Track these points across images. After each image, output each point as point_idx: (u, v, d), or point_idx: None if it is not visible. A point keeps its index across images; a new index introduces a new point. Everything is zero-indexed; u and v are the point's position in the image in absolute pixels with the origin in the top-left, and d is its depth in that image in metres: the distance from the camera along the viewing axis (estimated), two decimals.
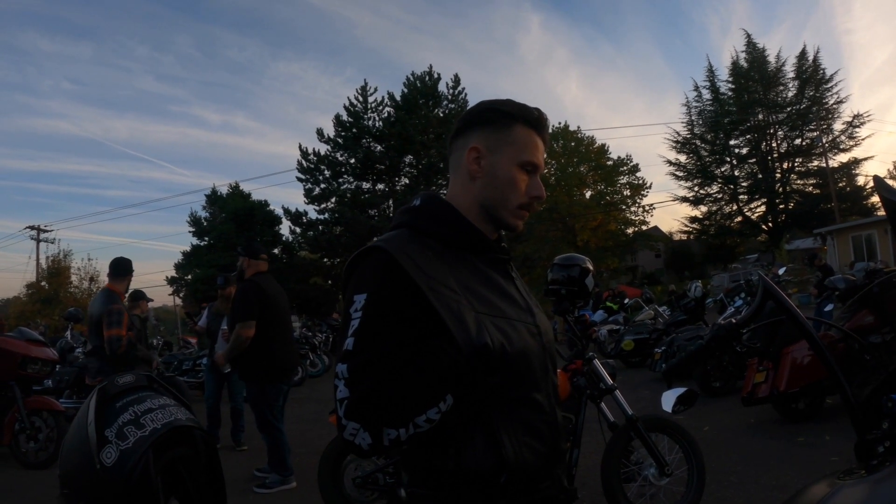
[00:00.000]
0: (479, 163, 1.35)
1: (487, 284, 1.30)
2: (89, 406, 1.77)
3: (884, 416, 1.41)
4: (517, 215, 1.35)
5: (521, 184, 1.33)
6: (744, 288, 11.19)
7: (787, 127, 35.32)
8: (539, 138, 1.37)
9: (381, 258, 1.22)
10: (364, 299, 1.19)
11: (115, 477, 1.65)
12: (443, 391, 1.14)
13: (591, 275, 3.94)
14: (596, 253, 39.82)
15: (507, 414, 1.22)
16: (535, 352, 1.29)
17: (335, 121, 31.54)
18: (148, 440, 1.73)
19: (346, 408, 1.13)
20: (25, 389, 6.52)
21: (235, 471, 5.70)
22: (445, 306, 1.17)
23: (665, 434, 3.98)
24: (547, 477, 1.30)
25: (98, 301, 5.71)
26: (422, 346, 1.17)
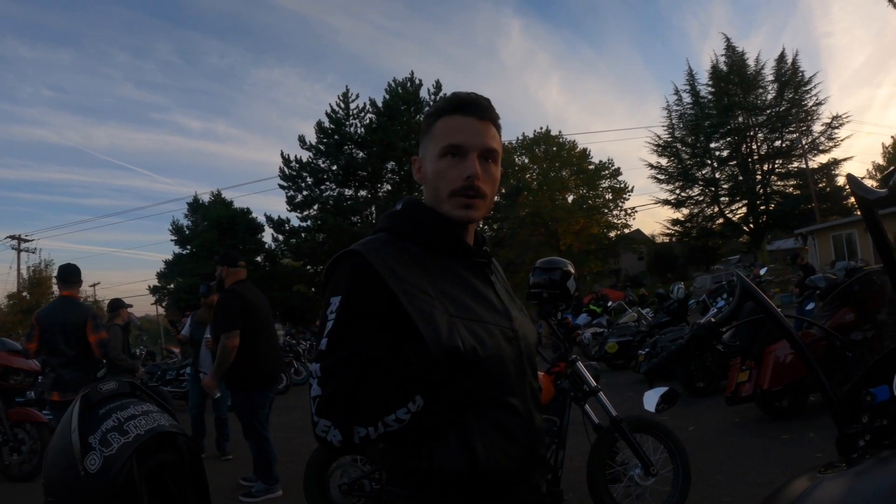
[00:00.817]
0: (420, 171, 1.37)
1: (464, 288, 1.30)
2: (72, 413, 1.77)
3: (862, 410, 1.44)
4: (455, 204, 1.29)
5: (449, 171, 1.29)
6: (726, 289, 11.32)
7: (766, 129, 35.77)
8: (468, 118, 1.31)
9: (355, 262, 1.23)
10: (338, 301, 1.21)
11: (100, 483, 1.65)
12: (412, 392, 1.16)
13: (572, 278, 3.97)
14: (578, 256, 40.02)
15: (481, 417, 1.23)
16: (510, 356, 1.29)
17: (317, 127, 31.58)
18: (131, 446, 1.72)
19: (318, 405, 1.16)
20: (7, 401, 6.41)
21: (221, 480, 5.67)
22: (417, 309, 1.19)
23: (649, 434, 4.00)
24: (523, 481, 1.29)
25: (72, 309, 5.67)
26: (393, 347, 1.18)
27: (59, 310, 5.70)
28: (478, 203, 1.31)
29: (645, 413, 3.38)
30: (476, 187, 1.29)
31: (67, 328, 5.55)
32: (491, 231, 34.29)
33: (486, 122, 1.33)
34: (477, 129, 1.31)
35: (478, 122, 1.32)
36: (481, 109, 1.33)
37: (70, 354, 5.51)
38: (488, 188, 1.32)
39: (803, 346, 1.57)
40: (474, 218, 1.32)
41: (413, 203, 1.38)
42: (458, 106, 1.33)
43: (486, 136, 1.32)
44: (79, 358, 5.52)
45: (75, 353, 5.53)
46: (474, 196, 1.29)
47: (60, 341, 5.54)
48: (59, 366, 5.52)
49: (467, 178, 1.28)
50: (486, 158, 1.33)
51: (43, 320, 5.63)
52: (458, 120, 1.31)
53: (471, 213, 1.30)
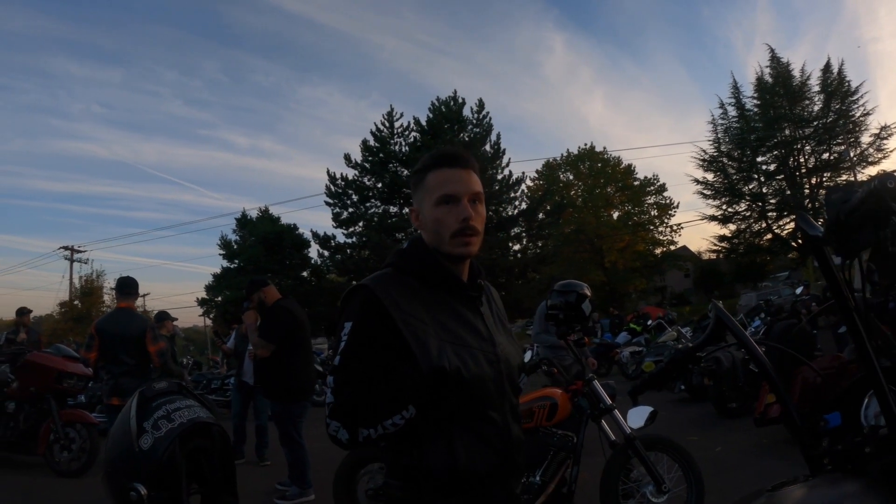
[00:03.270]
0: (419, 219, 1.61)
1: (455, 318, 1.56)
2: (132, 404, 2.20)
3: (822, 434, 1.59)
4: (456, 243, 1.54)
5: (446, 217, 1.54)
6: (763, 308, 11.19)
7: (814, 141, 34.75)
8: (455, 170, 1.56)
9: (365, 295, 1.51)
10: (350, 327, 1.50)
11: (150, 458, 2.06)
12: (406, 402, 1.42)
13: (587, 300, 4.13)
14: (623, 274, 39.64)
15: (464, 426, 1.48)
16: (491, 376, 1.53)
17: (362, 146, 32.12)
18: (176, 431, 2.13)
19: (331, 410, 1.45)
20: (61, 402, 6.89)
21: (258, 484, 6.00)
22: (413, 335, 1.45)
23: (664, 453, 4.11)
24: (498, 483, 1.53)
25: (131, 321, 6.00)
26: (392, 365, 1.46)
27: (119, 321, 5.99)
28: (474, 240, 1.56)
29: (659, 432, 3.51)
30: (471, 227, 1.54)
31: (127, 339, 5.83)
32: (535, 249, 34.23)
33: (469, 170, 1.58)
34: (463, 178, 1.56)
35: (462, 171, 1.57)
36: (464, 160, 1.59)
37: (130, 363, 5.79)
38: (479, 225, 1.57)
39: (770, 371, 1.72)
40: (473, 252, 1.57)
41: (417, 244, 1.62)
42: (444, 160, 1.58)
43: (472, 182, 1.57)
44: (137, 367, 5.80)
45: (135, 362, 5.82)
46: (471, 234, 1.55)
47: (120, 351, 5.82)
48: (119, 374, 5.78)
49: (463, 221, 1.53)
50: (474, 201, 1.57)
51: (102, 331, 5.92)
52: (446, 172, 1.56)
53: (470, 249, 1.56)
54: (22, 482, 6.49)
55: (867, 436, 1.41)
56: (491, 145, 32.05)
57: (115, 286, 6.38)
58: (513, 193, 32.86)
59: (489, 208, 22.91)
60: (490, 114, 32.40)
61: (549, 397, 4.09)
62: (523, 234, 33.82)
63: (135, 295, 6.33)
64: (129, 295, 6.21)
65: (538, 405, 4.06)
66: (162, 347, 5.97)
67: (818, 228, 1.43)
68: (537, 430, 3.99)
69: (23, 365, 7.02)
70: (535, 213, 33.18)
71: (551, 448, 3.92)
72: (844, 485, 1.37)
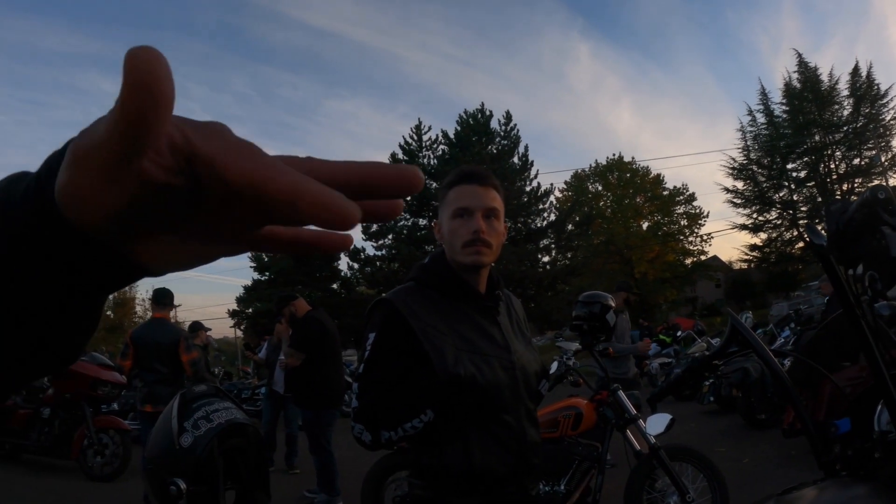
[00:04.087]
0: (440, 232, 1.71)
1: (472, 327, 1.65)
2: (173, 405, 2.35)
3: (833, 441, 1.64)
4: (467, 253, 1.63)
5: (459, 228, 1.63)
6: (793, 318, 11.04)
7: (844, 147, 34.11)
8: (473, 187, 1.65)
9: (386, 308, 1.62)
10: (373, 337, 1.61)
11: (190, 455, 2.20)
12: (425, 406, 1.52)
13: (611, 311, 4.18)
14: (654, 284, 39.16)
15: (480, 429, 1.57)
16: (506, 382, 1.61)
17: (391, 159, 32.24)
18: (214, 431, 2.27)
19: (355, 413, 1.56)
20: (95, 409, 7.11)
21: (288, 491, 6.13)
22: (431, 344, 1.55)
23: (689, 463, 4.12)
24: (513, 483, 1.61)
25: (165, 330, 6.14)
26: (412, 372, 1.56)
27: (153, 330, 6.13)
28: (485, 251, 1.63)
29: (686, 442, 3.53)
30: (482, 239, 1.62)
31: (161, 348, 5.96)
32: (564, 260, 34.06)
33: (487, 188, 1.67)
34: (480, 194, 1.65)
35: (480, 188, 1.66)
36: (483, 178, 1.68)
37: (163, 372, 5.92)
38: (493, 239, 1.65)
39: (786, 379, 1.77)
40: (483, 262, 1.65)
41: (437, 259, 1.73)
42: (464, 177, 1.68)
43: (487, 199, 1.65)
44: (171, 375, 5.91)
45: (168, 370, 5.93)
46: (480, 245, 1.62)
47: (154, 360, 5.95)
48: (153, 382, 5.91)
49: (474, 232, 1.61)
50: (489, 216, 1.65)
51: (137, 340, 6.06)
52: (464, 189, 1.66)
53: (480, 259, 1.64)
54: (56, 486, 6.69)
55: (877, 441, 1.45)
56: (519, 157, 32.06)
57: (151, 297, 6.55)
58: (541, 205, 32.80)
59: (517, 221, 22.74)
60: (518, 125, 32.49)
61: (574, 407, 4.14)
62: (552, 245, 33.68)
63: (169, 305, 6.49)
64: (164, 305, 6.37)
65: (563, 415, 4.11)
66: (194, 357, 6.11)
67: (823, 237, 1.48)
68: (562, 440, 4.04)
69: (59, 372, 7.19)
70: (564, 225, 33.08)
71: (576, 457, 3.97)
72: (853, 488, 1.42)
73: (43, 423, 7.37)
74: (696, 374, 2.05)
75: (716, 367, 1.94)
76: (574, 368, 4.44)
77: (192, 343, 6.49)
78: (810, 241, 1.53)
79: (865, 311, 1.49)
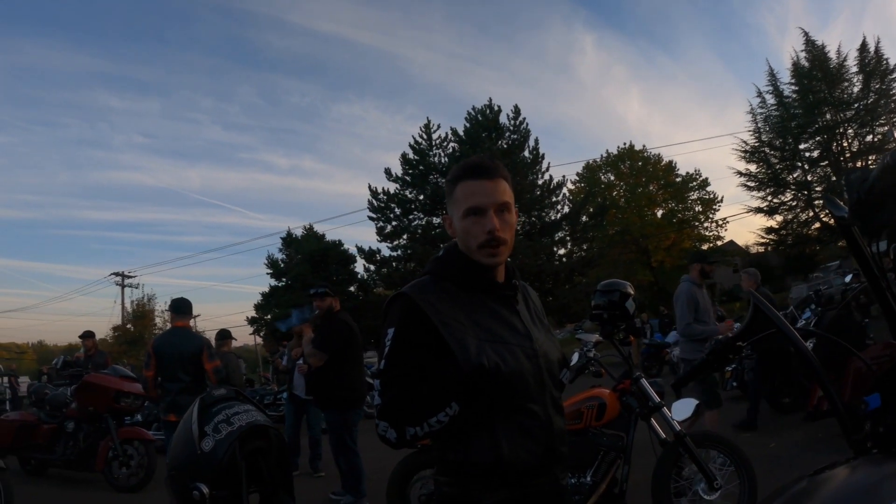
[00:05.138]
0: (451, 227, 1.68)
1: (492, 316, 1.62)
2: (193, 410, 2.33)
3: (863, 417, 1.60)
4: (483, 254, 1.60)
5: (473, 228, 1.60)
6: (813, 299, 10.88)
7: (856, 124, 33.50)
8: (481, 182, 1.61)
9: (405, 302, 1.60)
10: (392, 332, 1.58)
11: (211, 459, 2.19)
12: (448, 399, 1.50)
13: (630, 298, 4.13)
14: (671, 272, 38.82)
15: (506, 420, 1.54)
16: (530, 370, 1.59)
17: (402, 159, 32.35)
18: (235, 434, 2.26)
19: (379, 411, 1.54)
20: (118, 421, 7.16)
21: (313, 494, 6.17)
22: (452, 335, 1.52)
23: (715, 450, 4.08)
24: (544, 474, 1.59)
25: (187, 339, 6.16)
26: (434, 365, 1.53)
27: (175, 340, 6.15)
28: (501, 250, 1.61)
29: None
30: (497, 237, 1.59)
31: (184, 357, 5.99)
32: (580, 252, 33.87)
33: (497, 180, 1.63)
34: (489, 190, 1.61)
35: (488, 182, 1.62)
36: (491, 171, 1.64)
37: (186, 381, 5.94)
38: (507, 234, 1.62)
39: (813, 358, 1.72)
40: (500, 262, 1.64)
41: (452, 251, 1.70)
42: (471, 171, 1.64)
43: (498, 193, 1.62)
44: (194, 384, 5.92)
45: (191, 379, 5.96)
46: (497, 245, 1.60)
47: (177, 369, 5.98)
48: (176, 392, 5.93)
49: (489, 233, 1.58)
50: (501, 211, 1.62)
51: (159, 349, 6.09)
52: (473, 184, 1.62)
53: (497, 259, 1.62)
54: (83, 498, 6.77)
55: None
56: (529, 151, 31.93)
57: (170, 307, 6.59)
58: (554, 198, 32.63)
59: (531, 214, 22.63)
60: (527, 119, 32.32)
61: (597, 397, 4.11)
62: (567, 238, 33.50)
63: (189, 314, 6.52)
64: (184, 314, 6.40)
65: (586, 406, 4.08)
66: (218, 365, 6.13)
67: (844, 209, 1.45)
68: (587, 431, 4.01)
69: (82, 385, 7.32)
70: (579, 217, 32.89)
71: (601, 448, 3.94)
72: (886, 465, 1.38)
73: (67, 436, 7.45)
74: (720, 357, 2.01)
75: (740, 349, 1.90)
76: (595, 359, 4.41)
77: (215, 351, 6.51)
78: (831, 213, 1.52)
79: (892, 285, 1.45)
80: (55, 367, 12.46)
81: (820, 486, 1.37)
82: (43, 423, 7.70)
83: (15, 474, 7.05)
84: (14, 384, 15.27)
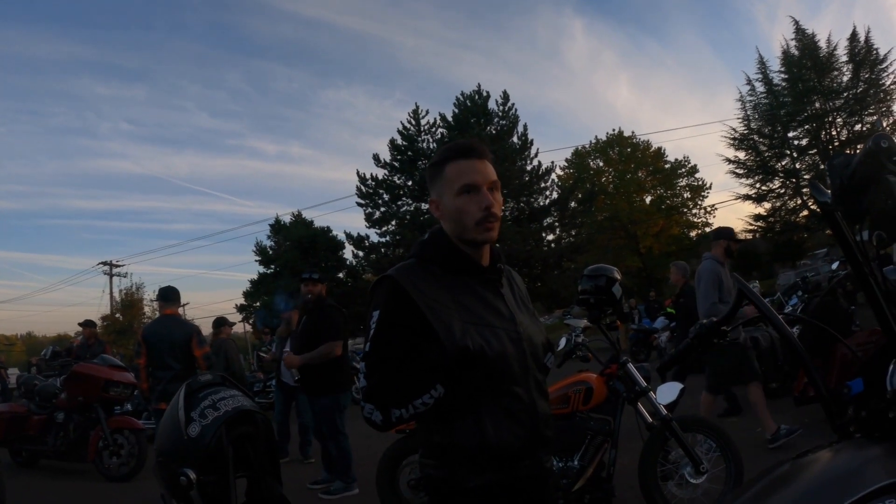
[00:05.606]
0: (439, 209, 1.68)
1: (477, 299, 1.63)
2: (179, 396, 2.32)
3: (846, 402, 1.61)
4: (480, 230, 1.62)
5: (468, 206, 1.61)
6: (800, 286, 10.98)
7: (845, 113, 33.59)
8: (472, 161, 1.63)
9: (390, 284, 1.60)
10: (378, 315, 1.59)
11: (198, 444, 2.18)
12: (434, 382, 1.50)
13: (617, 283, 4.14)
14: (659, 258, 39.05)
15: (490, 403, 1.56)
16: (514, 354, 1.60)
17: (390, 145, 32.20)
18: (222, 419, 2.25)
19: (364, 393, 1.54)
20: (108, 410, 7.13)
21: (304, 480, 6.18)
22: (437, 318, 1.53)
23: (701, 433, 4.12)
24: (528, 456, 1.60)
25: (177, 326, 6.16)
26: (419, 347, 1.53)
27: (164, 328, 6.15)
28: (496, 225, 1.64)
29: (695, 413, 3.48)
30: (493, 214, 1.62)
31: (174, 344, 5.99)
32: (569, 238, 33.93)
33: (485, 161, 1.66)
34: (481, 168, 1.64)
35: (479, 161, 1.64)
36: (480, 151, 1.66)
37: (177, 368, 5.94)
38: (499, 211, 1.65)
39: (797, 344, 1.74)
40: (494, 238, 1.66)
41: (436, 234, 1.71)
42: (461, 152, 1.66)
43: (489, 172, 1.65)
44: (184, 371, 5.89)
45: (181, 366, 5.96)
46: (493, 221, 1.62)
47: (167, 356, 5.98)
48: (167, 380, 5.93)
49: (486, 209, 1.61)
50: (492, 189, 1.64)
51: (149, 337, 6.10)
52: (464, 164, 1.64)
53: (492, 235, 1.64)
54: (75, 489, 6.75)
55: (890, 401, 1.43)
56: (518, 137, 31.87)
57: (158, 296, 6.57)
58: (543, 184, 32.59)
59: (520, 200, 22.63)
60: (516, 105, 32.22)
61: (584, 382, 4.13)
62: (556, 223, 33.49)
63: (177, 302, 6.51)
64: (172, 302, 6.38)
65: (574, 390, 4.10)
66: (207, 352, 6.12)
67: (827, 194, 1.45)
68: (574, 415, 4.03)
69: (70, 376, 7.29)
70: (567, 203, 32.90)
71: (588, 432, 3.96)
72: (869, 449, 1.40)
73: (58, 427, 7.42)
74: (705, 341, 2.02)
75: (724, 334, 1.92)
76: (583, 344, 4.42)
77: (205, 338, 6.48)
78: (814, 198, 1.53)
79: (875, 271, 1.46)
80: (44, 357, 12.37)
81: (802, 468, 1.39)
82: (33, 415, 7.67)
83: (6, 466, 7.06)
84: (3, 376, 15.18)
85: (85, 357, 9.14)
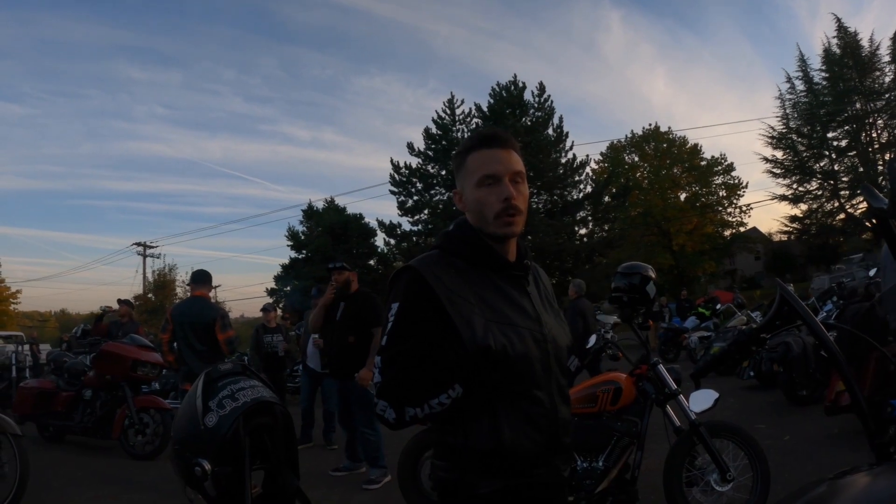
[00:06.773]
0: (462, 200, 1.62)
1: (501, 297, 1.55)
2: (198, 385, 2.31)
3: (889, 421, 1.53)
4: (500, 224, 1.53)
5: (488, 197, 1.53)
6: (835, 291, 10.73)
7: (886, 115, 32.64)
8: (494, 151, 1.55)
9: (411, 275, 1.52)
10: (397, 307, 1.51)
11: (214, 435, 2.16)
12: (452, 381, 1.43)
13: (651, 282, 4.06)
14: (692, 257, 38.60)
15: (510, 406, 1.48)
16: (537, 355, 1.52)
17: (425, 134, 32.26)
18: (240, 410, 2.23)
19: (378, 390, 1.46)
20: (135, 389, 7.24)
21: (326, 466, 6.23)
22: (458, 313, 1.45)
23: (729, 440, 4.01)
24: (544, 464, 1.52)
25: (203, 308, 6.20)
26: (438, 344, 1.45)
27: (192, 308, 6.22)
28: (517, 219, 1.55)
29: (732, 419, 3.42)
30: (514, 206, 1.53)
31: (197, 325, 6.04)
32: (601, 232, 33.62)
33: (509, 150, 1.57)
34: (503, 158, 1.55)
35: (502, 151, 1.56)
36: (503, 141, 1.58)
37: (200, 349, 6.00)
38: (522, 204, 1.56)
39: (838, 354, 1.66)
40: (516, 232, 1.57)
41: (462, 226, 1.63)
42: (483, 141, 1.58)
43: (512, 162, 1.56)
44: (208, 353, 5.96)
45: (206, 348, 6.01)
46: (514, 214, 1.54)
47: (192, 337, 6.04)
48: (191, 359, 5.99)
49: (505, 200, 1.52)
50: (515, 180, 1.56)
51: (177, 317, 6.16)
52: (486, 153, 1.56)
53: (513, 229, 1.55)
54: (100, 465, 6.83)
55: None
56: (553, 129, 31.63)
57: (190, 278, 6.63)
58: (577, 177, 32.33)
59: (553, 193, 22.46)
60: (551, 97, 31.98)
61: (613, 381, 4.05)
62: (589, 217, 33.16)
63: (208, 285, 6.56)
64: (203, 284, 6.44)
65: (602, 389, 4.03)
66: (231, 336, 6.15)
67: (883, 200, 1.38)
68: (601, 415, 3.97)
69: (99, 354, 7.42)
70: (601, 197, 32.62)
71: (615, 433, 3.90)
72: None
73: (85, 404, 7.55)
74: (743, 349, 1.96)
75: (763, 341, 1.85)
76: (613, 342, 4.35)
77: (230, 322, 6.53)
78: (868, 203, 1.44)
79: None
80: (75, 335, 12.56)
81: (840, 491, 1.31)
82: (61, 391, 7.81)
83: (33, 441, 7.17)
84: (35, 352, 15.46)
85: (116, 335, 9.26)
